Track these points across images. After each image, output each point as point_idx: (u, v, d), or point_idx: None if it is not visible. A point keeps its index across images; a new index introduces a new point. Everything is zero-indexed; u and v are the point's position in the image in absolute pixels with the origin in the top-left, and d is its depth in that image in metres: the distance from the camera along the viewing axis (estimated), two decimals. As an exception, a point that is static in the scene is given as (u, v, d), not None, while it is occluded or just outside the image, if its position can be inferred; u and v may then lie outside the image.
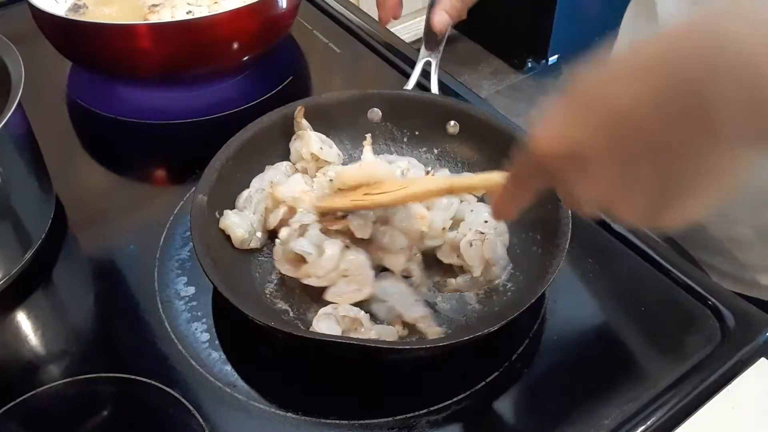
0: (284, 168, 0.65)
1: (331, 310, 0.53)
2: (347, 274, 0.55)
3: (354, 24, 0.92)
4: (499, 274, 0.59)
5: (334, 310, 0.53)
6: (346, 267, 0.55)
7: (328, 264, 0.54)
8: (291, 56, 0.89)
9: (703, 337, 0.55)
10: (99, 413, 0.53)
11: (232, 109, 0.80)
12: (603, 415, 0.51)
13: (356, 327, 0.53)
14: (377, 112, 0.69)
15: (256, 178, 0.64)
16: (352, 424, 0.51)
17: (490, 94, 2.46)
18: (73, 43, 0.76)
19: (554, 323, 0.57)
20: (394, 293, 0.56)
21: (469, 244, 0.59)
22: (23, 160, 0.60)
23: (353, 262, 0.55)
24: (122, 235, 0.66)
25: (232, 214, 0.60)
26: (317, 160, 0.64)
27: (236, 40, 0.75)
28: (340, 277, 0.55)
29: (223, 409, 0.52)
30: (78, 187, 0.71)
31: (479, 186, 0.57)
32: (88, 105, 0.81)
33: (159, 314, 0.58)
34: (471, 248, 0.58)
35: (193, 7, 0.80)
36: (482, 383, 0.53)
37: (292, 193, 0.60)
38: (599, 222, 0.64)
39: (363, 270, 0.55)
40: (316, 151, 0.63)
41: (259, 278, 0.59)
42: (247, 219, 0.60)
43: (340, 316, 0.53)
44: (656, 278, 0.60)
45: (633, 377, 0.54)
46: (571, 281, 0.60)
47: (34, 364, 0.55)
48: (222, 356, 0.55)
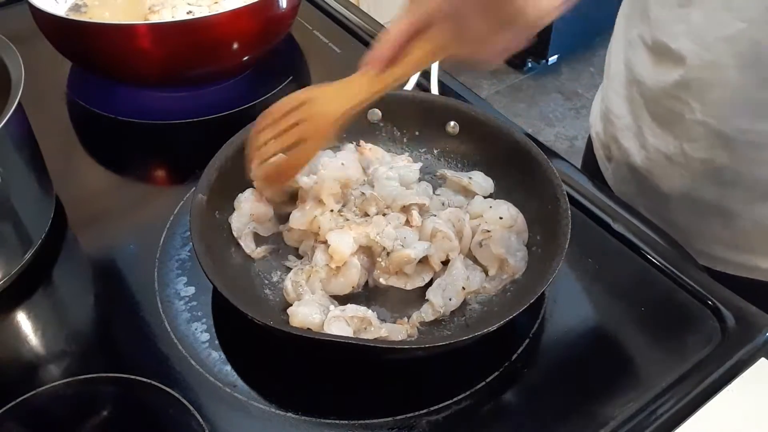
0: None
1: (339, 312, 0.53)
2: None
3: (354, 24, 0.92)
4: (520, 266, 0.58)
5: (342, 312, 0.53)
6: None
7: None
8: (291, 56, 0.89)
9: (703, 337, 0.55)
10: (99, 413, 0.53)
11: (232, 109, 0.80)
12: (603, 415, 0.51)
13: (366, 326, 0.53)
14: (377, 112, 0.69)
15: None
16: (352, 424, 0.51)
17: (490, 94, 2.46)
18: (73, 43, 0.76)
19: (554, 323, 0.57)
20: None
21: (479, 244, 0.59)
22: (23, 160, 0.60)
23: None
24: (122, 235, 0.66)
25: (301, 307, 0.54)
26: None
27: (236, 40, 0.75)
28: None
29: (223, 409, 0.52)
30: (78, 187, 0.71)
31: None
32: (88, 105, 0.81)
33: (159, 314, 0.58)
34: (481, 248, 0.59)
35: (193, 7, 0.80)
36: (482, 383, 0.53)
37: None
38: (599, 222, 0.65)
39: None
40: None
41: (259, 278, 0.59)
42: (315, 309, 0.54)
43: (349, 317, 0.53)
44: (656, 278, 0.60)
45: (633, 377, 0.54)
46: (571, 281, 0.61)
47: (34, 364, 0.55)
48: (222, 356, 0.55)
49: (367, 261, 0.58)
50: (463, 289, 0.56)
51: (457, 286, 0.56)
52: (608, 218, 0.64)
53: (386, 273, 0.57)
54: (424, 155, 0.69)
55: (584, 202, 0.66)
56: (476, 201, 0.62)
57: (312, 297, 0.55)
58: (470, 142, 0.68)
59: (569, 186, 0.66)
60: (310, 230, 0.60)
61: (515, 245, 0.59)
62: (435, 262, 0.58)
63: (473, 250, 0.59)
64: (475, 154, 0.67)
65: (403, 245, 0.57)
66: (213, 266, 0.53)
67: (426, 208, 0.61)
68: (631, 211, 0.66)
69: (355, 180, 0.63)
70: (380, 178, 0.62)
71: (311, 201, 0.60)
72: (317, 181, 0.61)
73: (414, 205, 0.60)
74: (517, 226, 0.60)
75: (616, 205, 0.66)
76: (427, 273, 0.58)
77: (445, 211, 0.61)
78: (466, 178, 0.64)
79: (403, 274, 0.58)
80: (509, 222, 0.60)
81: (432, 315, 0.55)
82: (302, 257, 0.61)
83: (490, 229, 0.59)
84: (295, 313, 0.54)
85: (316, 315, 0.53)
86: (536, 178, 0.61)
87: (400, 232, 0.58)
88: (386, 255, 0.57)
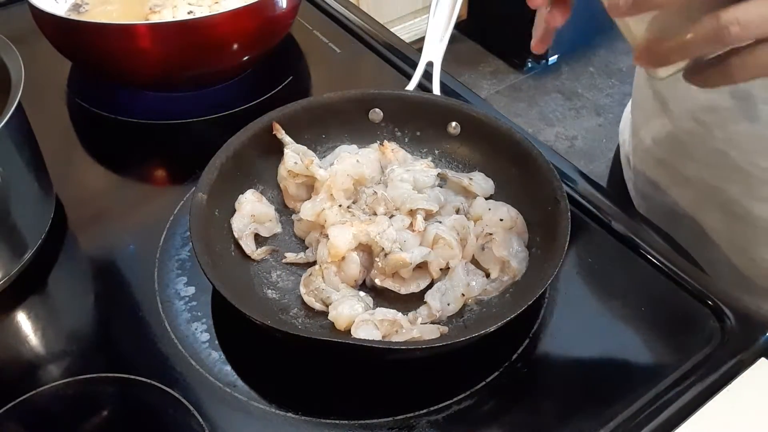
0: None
1: (368, 316, 0.53)
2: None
3: (354, 24, 0.92)
4: (521, 268, 0.58)
5: (372, 316, 0.53)
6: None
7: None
8: (291, 56, 0.89)
9: (703, 338, 0.55)
10: (99, 413, 0.53)
11: (232, 109, 0.80)
12: (603, 416, 0.51)
13: (396, 330, 0.53)
14: (378, 113, 0.69)
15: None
16: (352, 424, 0.51)
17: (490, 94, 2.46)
18: (73, 43, 0.76)
19: (554, 323, 0.57)
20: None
21: (481, 248, 0.59)
22: (23, 160, 0.60)
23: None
24: (122, 235, 0.66)
25: (340, 307, 0.54)
26: (295, 176, 0.64)
27: (237, 39, 0.75)
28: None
29: (223, 409, 0.52)
30: (78, 187, 0.71)
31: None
32: (88, 105, 0.81)
33: (159, 314, 0.58)
34: (483, 252, 0.59)
35: (194, 7, 0.80)
36: (482, 383, 0.53)
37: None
38: (599, 222, 0.65)
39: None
40: (291, 167, 0.63)
41: (259, 278, 0.59)
42: (354, 302, 0.55)
43: (378, 321, 0.53)
44: (656, 278, 0.60)
45: (633, 377, 0.54)
46: (571, 281, 0.60)
47: (34, 364, 0.55)
48: (222, 356, 0.55)
49: (367, 260, 0.58)
50: (463, 296, 0.56)
51: (457, 292, 0.56)
52: (608, 218, 0.64)
53: (382, 274, 0.57)
54: (425, 156, 0.69)
55: (584, 203, 0.66)
56: (477, 203, 0.62)
57: (340, 293, 0.55)
58: (471, 142, 0.68)
59: (569, 186, 0.66)
60: (318, 222, 0.60)
61: (516, 247, 0.59)
62: (434, 268, 0.57)
63: (475, 253, 0.59)
64: (475, 154, 0.68)
65: (401, 248, 0.57)
66: (213, 266, 0.53)
67: (433, 214, 0.61)
68: (631, 211, 0.66)
69: (370, 178, 0.63)
70: (394, 180, 0.63)
71: (323, 194, 0.61)
72: (331, 175, 0.61)
73: (421, 210, 0.60)
74: (517, 228, 0.60)
75: (616, 205, 0.66)
76: (424, 279, 0.58)
77: (450, 218, 0.60)
78: (467, 178, 0.64)
79: (400, 277, 0.58)
80: (509, 224, 0.60)
81: (428, 318, 0.55)
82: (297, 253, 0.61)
83: (492, 231, 0.59)
84: (338, 316, 0.53)
85: (359, 306, 0.53)
86: (536, 179, 0.61)
87: (401, 235, 0.58)
88: (384, 256, 0.57)
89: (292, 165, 0.63)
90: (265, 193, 0.65)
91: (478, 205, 0.62)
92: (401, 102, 0.69)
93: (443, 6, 0.72)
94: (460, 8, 0.73)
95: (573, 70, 2.59)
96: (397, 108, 0.69)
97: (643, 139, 0.77)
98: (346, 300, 0.54)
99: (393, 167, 0.64)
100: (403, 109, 0.69)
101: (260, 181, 0.66)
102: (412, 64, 0.77)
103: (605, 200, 0.66)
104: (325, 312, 0.55)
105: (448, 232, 0.58)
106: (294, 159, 0.64)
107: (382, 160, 0.66)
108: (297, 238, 0.63)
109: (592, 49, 2.61)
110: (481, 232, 0.60)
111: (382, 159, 0.66)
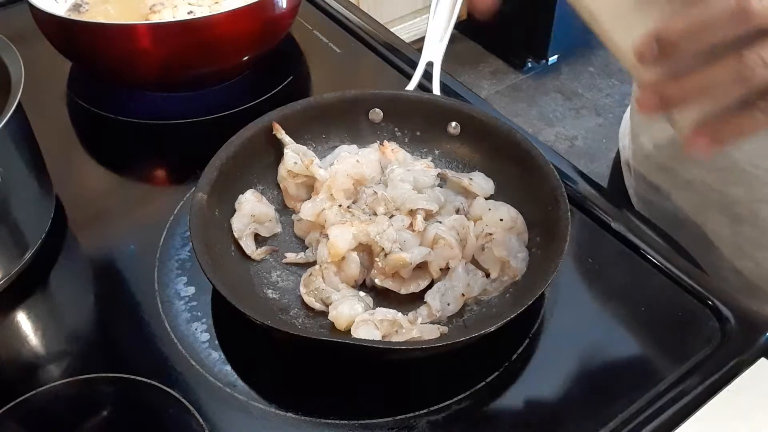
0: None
1: (368, 316, 0.53)
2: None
3: (354, 24, 0.92)
4: (521, 268, 0.58)
5: (371, 316, 0.53)
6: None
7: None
8: (291, 56, 0.89)
9: (703, 338, 0.55)
10: (99, 413, 0.53)
11: (232, 109, 0.80)
12: (603, 416, 0.51)
13: (396, 330, 0.53)
14: (378, 113, 0.69)
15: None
16: (352, 424, 0.51)
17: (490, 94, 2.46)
18: (73, 43, 0.76)
19: (554, 323, 0.57)
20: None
21: (481, 248, 0.59)
22: (23, 160, 0.60)
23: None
24: (122, 235, 0.66)
25: (340, 306, 0.54)
26: (295, 176, 0.64)
27: (237, 39, 0.75)
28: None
29: (223, 409, 0.52)
30: (78, 187, 0.71)
31: None
32: (88, 105, 0.81)
33: (159, 314, 0.58)
34: (483, 252, 0.59)
35: (194, 7, 0.80)
36: (482, 383, 0.53)
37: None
38: (599, 222, 0.65)
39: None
40: (291, 167, 0.63)
41: (259, 278, 0.59)
42: (354, 302, 0.55)
43: (378, 321, 0.53)
44: (656, 278, 0.60)
45: (633, 377, 0.54)
46: (571, 281, 0.60)
47: (34, 364, 0.55)
48: (222, 356, 0.55)
49: (367, 260, 0.58)
50: (462, 296, 0.56)
51: (457, 292, 0.56)
52: (608, 218, 0.64)
53: (382, 274, 0.57)
54: (425, 156, 0.69)
55: (584, 203, 0.66)
56: (477, 203, 0.62)
57: (340, 293, 0.55)
58: (471, 142, 0.68)
59: (569, 186, 0.66)
60: (318, 222, 0.60)
61: (516, 247, 0.59)
62: (434, 268, 0.57)
63: (475, 253, 0.59)
64: (475, 154, 0.67)
65: (401, 248, 0.57)
66: (213, 266, 0.53)
67: (433, 214, 0.61)
68: (631, 211, 0.66)
69: (371, 179, 0.63)
70: (394, 179, 0.63)
71: (323, 194, 0.61)
72: (331, 175, 0.61)
73: (420, 210, 0.60)
74: (517, 228, 0.60)
75: (616, 206, 0.66)
76: (424, 279, 0.58)
77: (450, 218, 0.60)
78: (467, 178, 0.64)
79: (400, 277, 0.57)
80: (509, 224, 0.60)
81: (428, 318, 0.55)
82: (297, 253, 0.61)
83: (492, 231, 0.59)
84: (338, 316, 0.53)
85: (359, 306, 0.53)
86: (536, 179, 0.61)
87: (401, 235, 0.58)
88: (384, 256, 0.57)
89: (292, 165, 0.63)
90: (265, 193, 0.65)
91: (478, 205, 0.62)
92: (401, 102, 0.69)
93: (443, 6, 0.72)
94: (460, 8, 0.72)
95: (573, 70, 2.59)
96: (397, 108, 0.69)
97: (644, 144, 0.77)
98: (346, 300, 0.54)
99: (393, 167, 0.64)
100: (403, 109, 0.69)
101: (260, 181, 0.66)
102: (412, 64, 0.77)
103: (605, 200, 0.66)
104: (325, 312, 0.55)
105: (448, 232, 0.58)
106: (294, 159, 0.64)
107: (382, 160, 0.66)
108: (297, 238, 0.63)
109: (592, 49, 2.61)
110: (481, 232, 0.59)
111: (382, 159, 0.66)
